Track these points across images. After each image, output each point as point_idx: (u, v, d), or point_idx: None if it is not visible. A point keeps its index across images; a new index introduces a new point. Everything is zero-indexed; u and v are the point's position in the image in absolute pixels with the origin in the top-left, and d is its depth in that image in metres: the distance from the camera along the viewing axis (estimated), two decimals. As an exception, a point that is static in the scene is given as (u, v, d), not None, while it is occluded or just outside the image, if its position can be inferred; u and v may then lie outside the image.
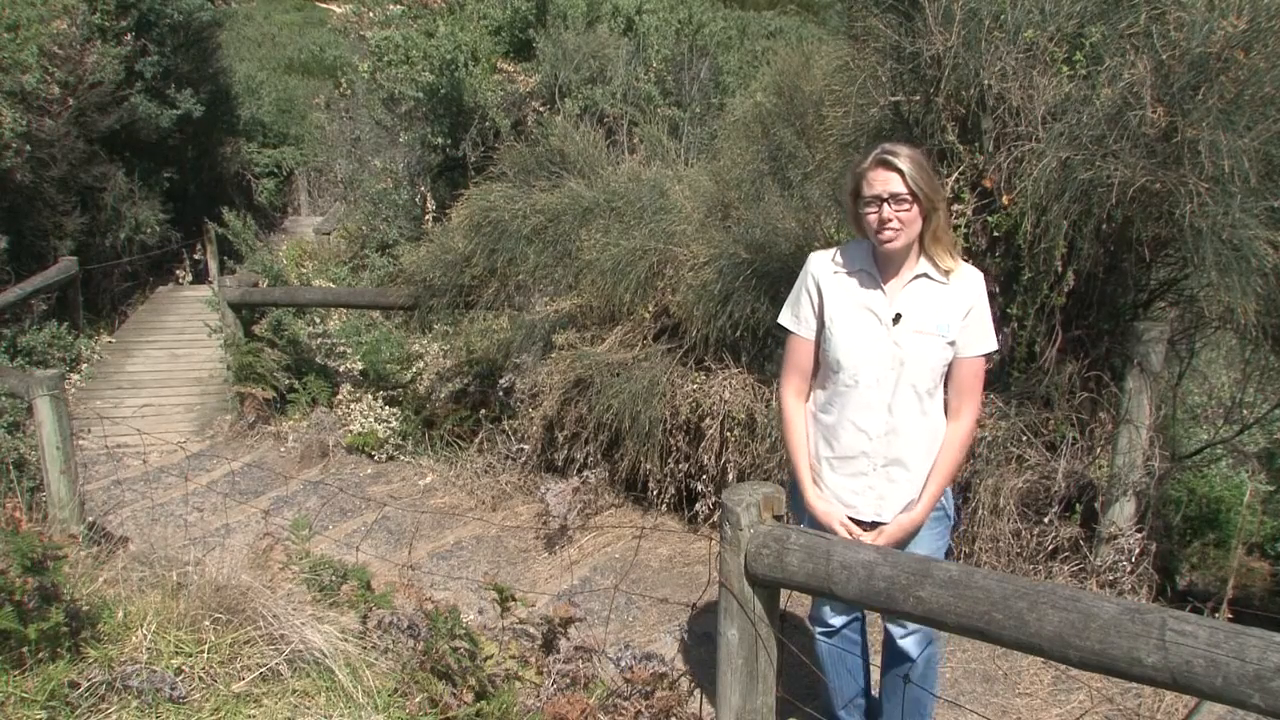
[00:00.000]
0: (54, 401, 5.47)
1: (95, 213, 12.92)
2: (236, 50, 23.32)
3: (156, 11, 14.35)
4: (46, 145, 11.34)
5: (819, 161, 5.78)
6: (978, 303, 3.04)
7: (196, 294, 13.22)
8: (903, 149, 3.04)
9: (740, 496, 2.81)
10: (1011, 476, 4.54)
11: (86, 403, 9.54)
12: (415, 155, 11.32)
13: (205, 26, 15.82)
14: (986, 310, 3.05)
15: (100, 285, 13.16)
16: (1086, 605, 2.12)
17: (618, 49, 10.44)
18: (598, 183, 6.88)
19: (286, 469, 7.74)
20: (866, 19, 4.64)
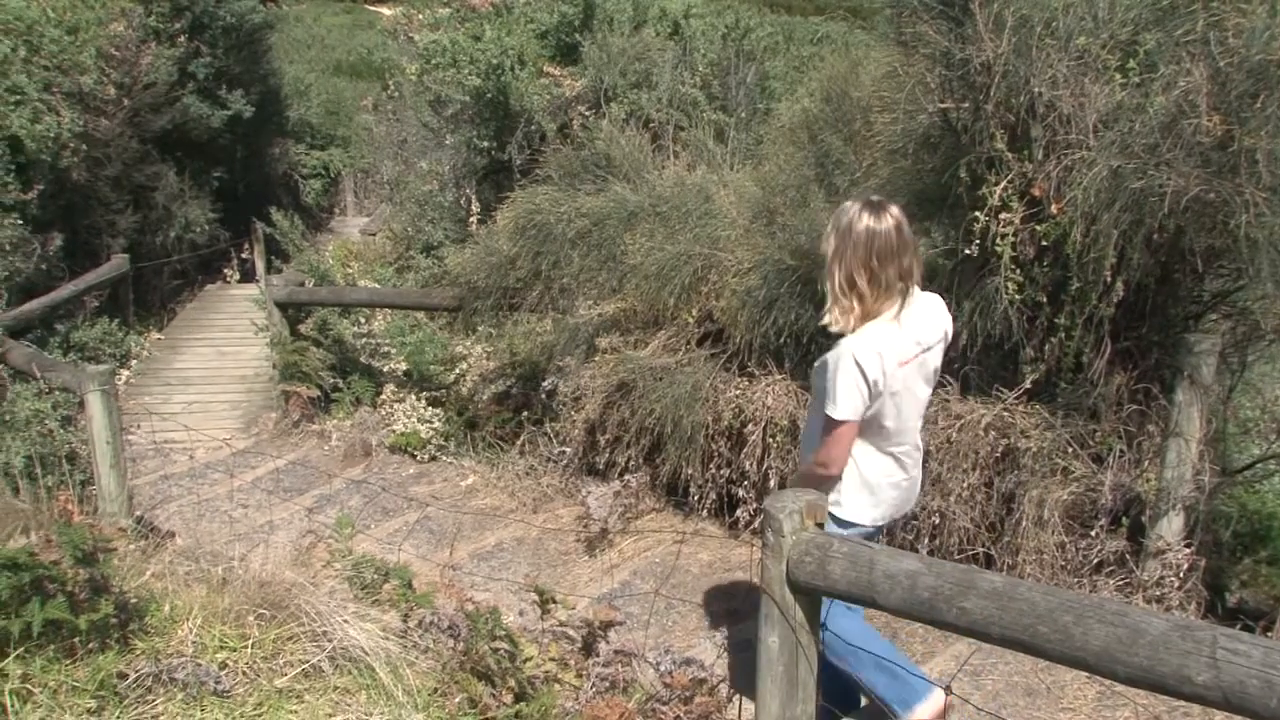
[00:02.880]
0: (105, 396, 5.54)
1: (147, 211, 13.08)
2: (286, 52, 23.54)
3: (210, 14, 14.53)
4: (102, 145, 11.49)
5: (866, 168, 5.74)
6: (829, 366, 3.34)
7: (244, 292, 13.34)
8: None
9: (783, 503, 2.80)
10: (1056, 488, 4.49)
11: (136, 398, 9.65)
12: (461, 158, 11.38)
13: (256, 29, 16.00)
14: (836, 377, 3.27)
15: (150, 283, 13.32)
16: (1134, 620, 2.10)
17: (664, 53, 10.44)
18: (643, 187, 6.87)
19: (330, 467, 7.79)
20: (916, 25, 4.62)
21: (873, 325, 3.30)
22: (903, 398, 3.37)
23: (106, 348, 10.51)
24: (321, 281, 9.79)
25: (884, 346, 3.26)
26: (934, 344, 3.44)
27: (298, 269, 10.22)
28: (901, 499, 3.57)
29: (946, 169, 4.66)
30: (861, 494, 3.46)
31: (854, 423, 3.30)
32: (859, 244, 3.29)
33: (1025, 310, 4.56)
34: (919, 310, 3.41)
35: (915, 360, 3.37)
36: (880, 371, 3.24)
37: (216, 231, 14.90)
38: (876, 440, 3.42)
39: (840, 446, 3.35)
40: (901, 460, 3.49)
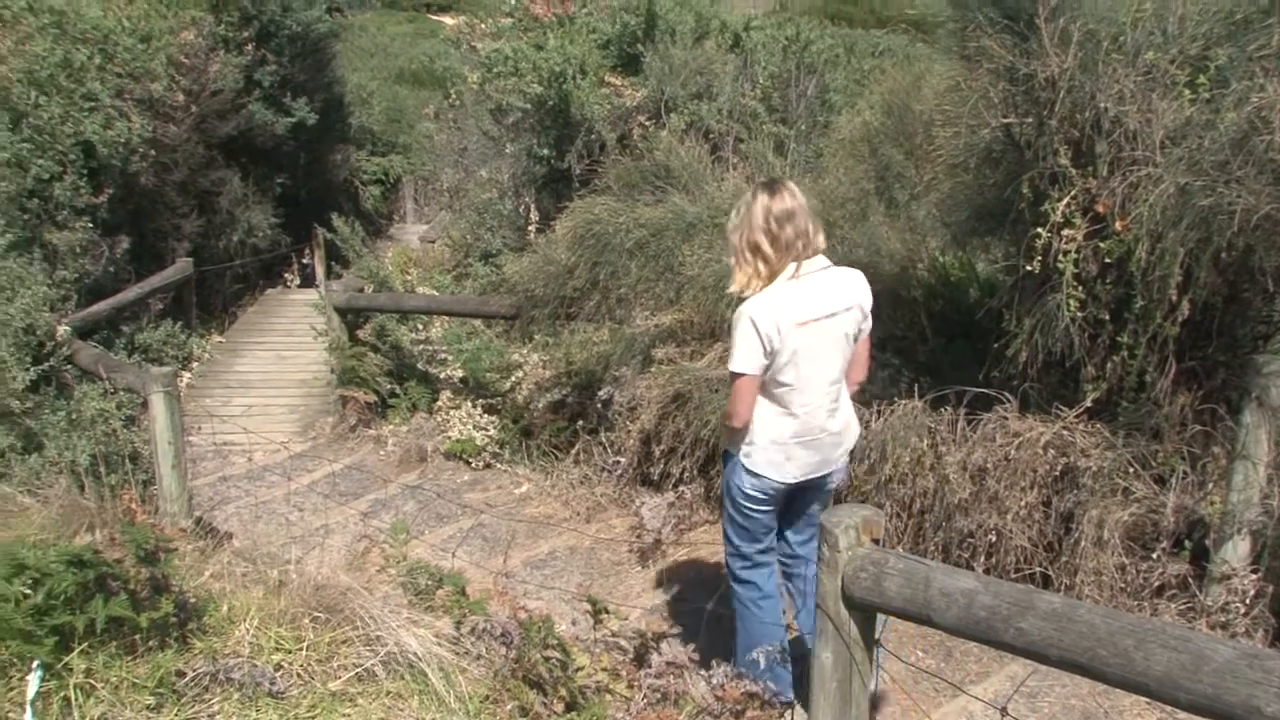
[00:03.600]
0: (167, 398, 5.63)
1: (211, 216, 13.29)
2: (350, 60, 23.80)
3: (277, 23, 14.74)
4: (169, 150, 11.69)
5: (926, 182, 5.72)
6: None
7: (304, 297, 13.51)
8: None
9: (839, 518, 2.79)
10: (1117, 509, 4.42)
11: (197, 400, 9.79)
12: (521, 166, 11.43)
13: (322, 37, 16.21)
14: (735, 335, 3.69)
15: (213, 286, 13.52)
16: (1199, 646, 2.06)
17: (725, 65, 10.44)
18: (701, 198, 6.87)
19: (385, 472, 7.85)
20: (980, 40, 4.58)
21: (771, 288, 3.67)
22: (803, 357, 3.68)
23: (169, 350, 10.68)
24: (380, 287, 9.88)
25: (779, 308, 3.62)
26: (840, 311, 3.72)
27: (357, 275, 10.32)
28: (818, 458, 3.87)
29: (1009, 184, 4.62)
30: (770, 450, 3.80)
31: (752, 376, 3.69)
32: (758, 214, 3.69)
33: (1087, 328, 4.51)
34: (831, 279, 3.74)
35: (816, 323, 3.67)
36: (775, 329, 3.60)
37: (278, 236, 15.10)
38: (782, 398, 3.75)
39: (741, 398, 3.74)
40: (809, 420, 3.78)
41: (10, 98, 9.09)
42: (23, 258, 7.42)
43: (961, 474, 4.82)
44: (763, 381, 3.72)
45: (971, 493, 4.81)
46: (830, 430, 3.86)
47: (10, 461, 5.80)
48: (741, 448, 3.83)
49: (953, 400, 5.03)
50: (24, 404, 6.28)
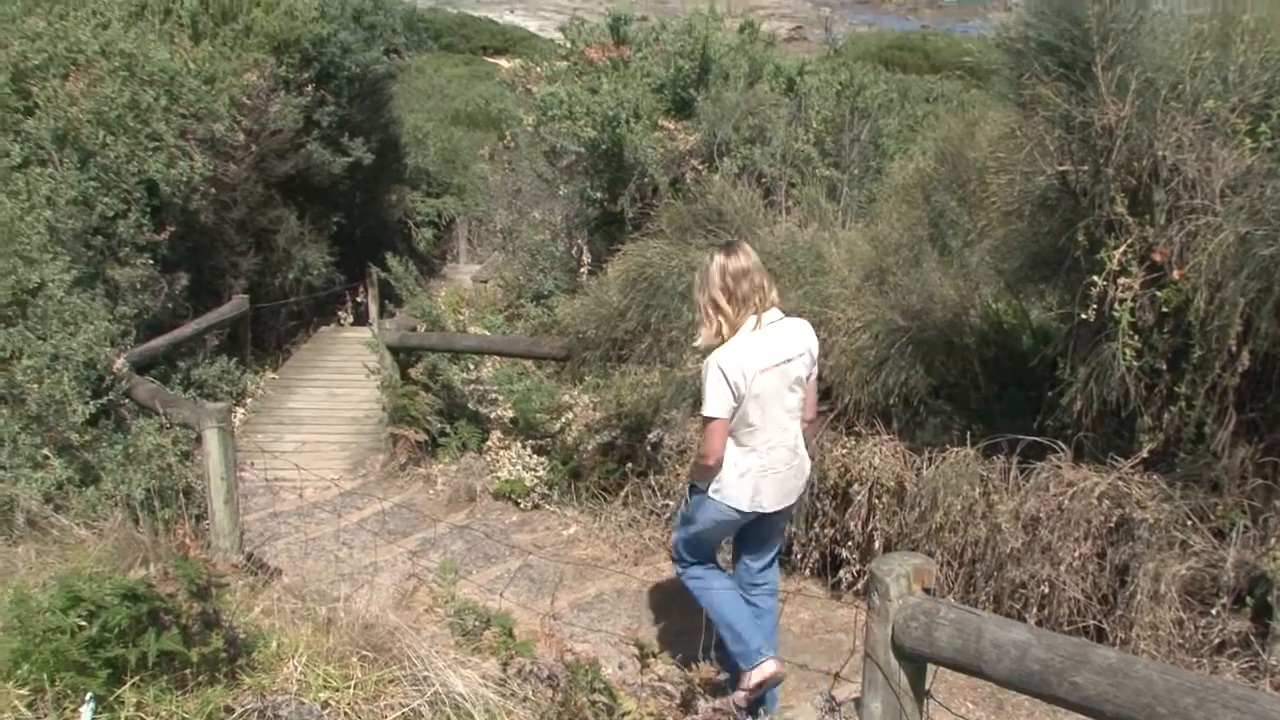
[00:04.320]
0: (221, 433, 5.69)
1: (268, 253, 13.46)
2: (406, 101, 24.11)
3: (336, 64, 14.99)
4: (229, 189, 11.88)
5: (980, 229, 5.69)
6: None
7: (356, 335, 13.61)
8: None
9: (890, 566, 2.76)
10: (1174, 562, 4.35)
11: (249, 436, 9.88)
12: (574, 208, 11.50)
13: (380, 79, 16.46)
14: (706, 383, 4.20)
15: (268, 323, 13.68)
16: (1264, 708, 2.00)
17: (778, 109, 10.46)
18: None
19: (434, 511, 7.87)
20: (1035, 87, 4.57)
21: (734, 340, 4.19)
22: (765, 400, 4.22)
23: (224, 385, 10.79)
24: (433, 327, 9.95)
25: (743, 357, 4.15)
26: (794, 357, 4.27)
27: (410, 314, 10.39)
28: (780, 489, 4.38)
29: (1064, 232, 4.59)
30: (739, 482, 4.30)
31: (723, 419, 4.19)
32: (715, 273, 4.23)
33: (1143, 377, 4.45)
34: (784, 330, 4.30)
35: (776, 369, 4.22)
36: (741, 376, 4.13)
37: (333, 274, 15.28)
38: (748, 438, 4.28)
39: (714, 439, 4.24)
40: (771, 455, 4.32)
41: (80, 137, 9.29)
42: (86, 293, 7.55)
43: (1014, 523, 4.77)
44: (732, 424, 4.24)
45: (1024, 542, 4.75)
46: (790, 464, 4.40)
47: (68, 494, 5.88)
48: (713, 484, 4.33)
49: (1005, 448, 4.99)
50: (83, 437, 6.37)
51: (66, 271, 7.14)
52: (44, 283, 6.79)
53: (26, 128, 9.11)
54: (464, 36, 50.40)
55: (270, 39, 13.58)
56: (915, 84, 22.13)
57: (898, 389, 5.41)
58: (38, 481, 5.74)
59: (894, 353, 5.39)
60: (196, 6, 13.13)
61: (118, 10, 11.69)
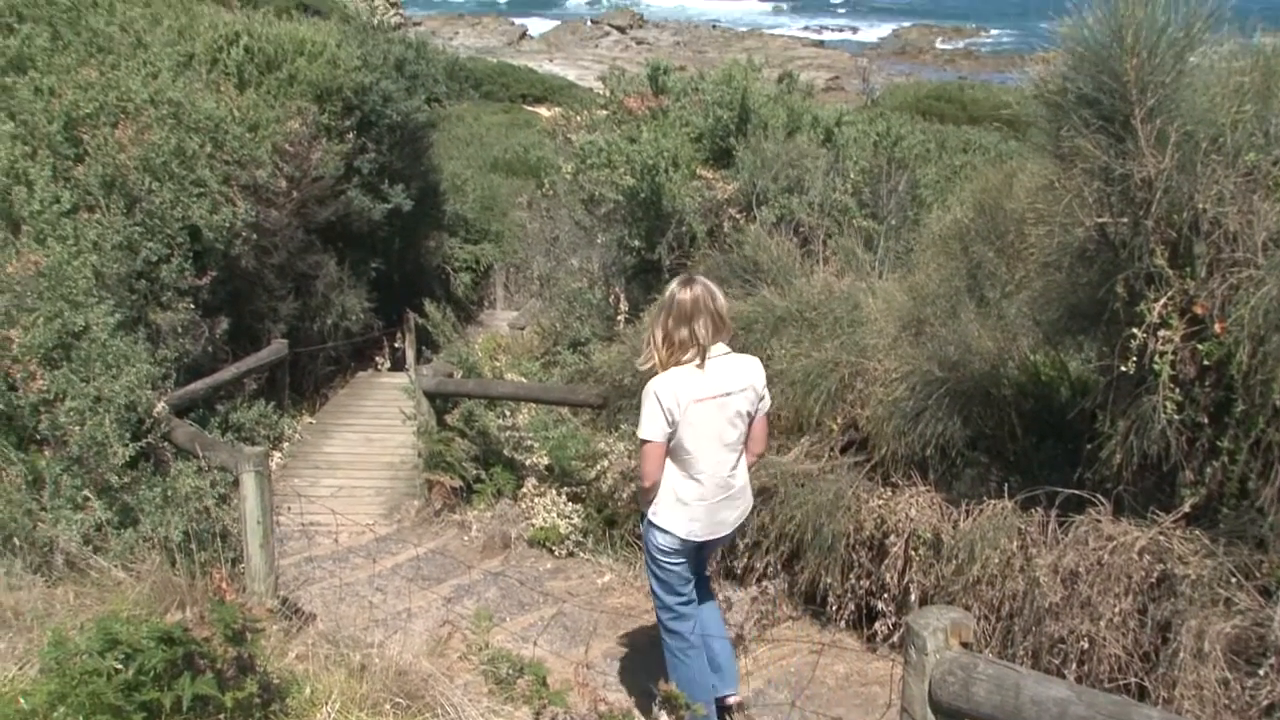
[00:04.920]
0: (258, 478, 5.73)
1: (307, 298, 13.59)
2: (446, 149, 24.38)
3: (378, 112, 15.19)
4: (270, 234, 12.01)
5: (1018, 280, 5.67)
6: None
7: (393, 380, 13.69)
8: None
9: (927, 620, 2.74)
10: (1218, 620, 4.28)
11: (286, 480, 9.93)
12: (611, 256, 11.56)
13: (420, 127, 16.66)
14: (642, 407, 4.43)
15: (306, 368, 13.78)
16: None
17: (816, 159, 10.50)
18: (791, 292, 6.89)
19: (468, 558, 7.87)
20: (1074, 139, 4.57)
21: (676, 369, 4.40)
22: (701, 429, 4.41)
23: (262, 429, 10.86)
24: (469, 373, 10.00)
25: (679, 386, 4.36)
26: (735, 391, 4.46)
27: (447, 360, 10.45)
28: (712, 518, 4.56)
29: (1103, 284, 4.56)
30: (676, 508, 4.49)
31: (657, 443, 4.39)
32: (671, 305, 4.43)
33: (1184, 431, 4.40)
34: (729, 364, 4.49)
35: (714, 400, 4.41)
36: (675, 403, 4.33)
37: (371, 320, 15.39)
38: (684, 465, 4.46)
39: (649, 461, 4.44)
40: (708, 483, 4.49)
41: (128, 184, 9.44)
42: (129, 337, 7.64)
43: (1052, 577, 4.71)
44: (669, 450, 4.44)
45: (1063, 597, 4.70)
46: (727, 494, 4.57)
47: (107, 535, 5.92)
48: (652, 508, 4.54)
49: (1043, 501, 4.94)
50: (122, 479, 6.42)
51: (110, 315, 7.23)
52: (88, 326, 6.88)
53: (76, 174, 9.27)
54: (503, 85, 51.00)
55: (313, 87, 13.80)
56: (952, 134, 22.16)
57: (934, 440, 5.38)
58: (78, 523, 5.79)
59: (931, 404, 5.37)
60: (242, 56, 13.37)
61: (167, 61, 11.90)
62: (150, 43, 12.45)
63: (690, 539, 4.54)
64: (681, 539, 4.52)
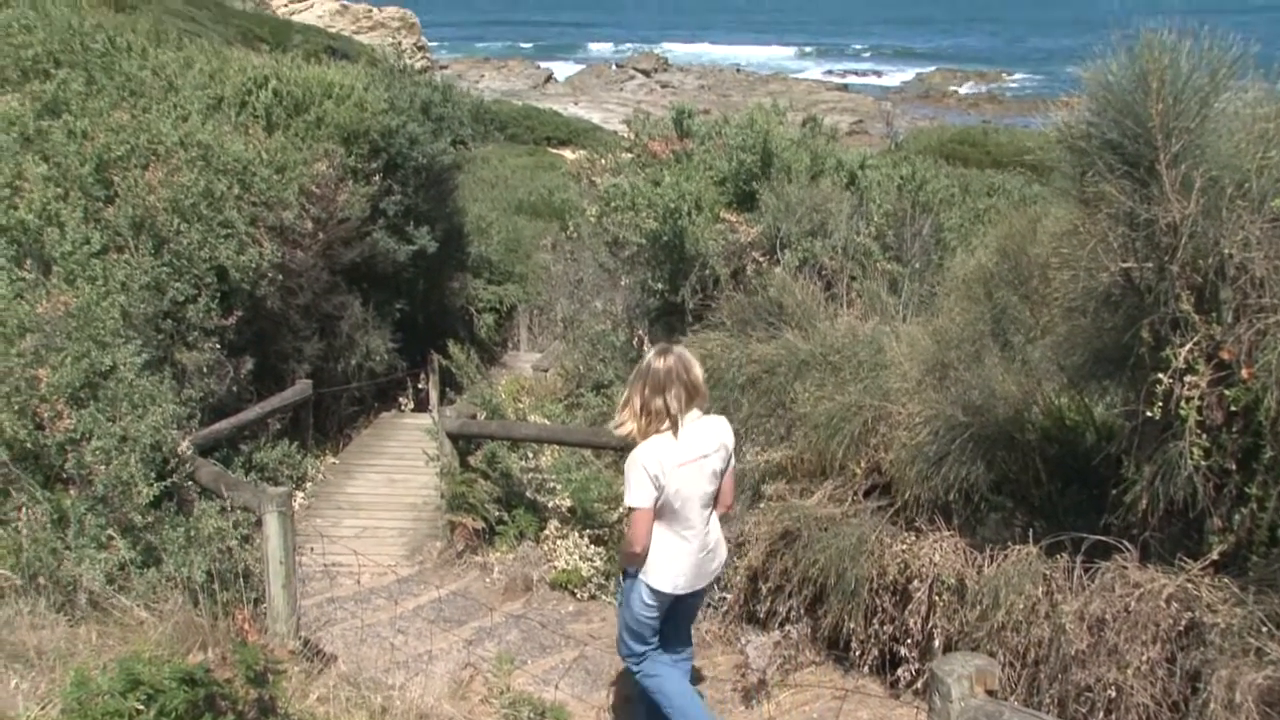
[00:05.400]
0: (282, 518, 5.75)
1: (332, 339, 13.65)
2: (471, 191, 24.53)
3: (404, 155, 15.33)
4: (296, 275, 12.09)
5: (1043, 325, 5.66)
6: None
7: (417, 421, 13.71)
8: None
9: (951, 667, 2.72)
10: (1250, 670, 4.22)
11: (309, 520, 9.94)
12: (635, 299, 11.59)
13: (446, 169, 16.78)
14: (629, 476, 4.66)
15: (329, 408, 13.81)
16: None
17: (839, 203, 10.52)
18: (814, 336, 6.89)
19: (490, 600, 7.86)
20: (1098, 184, 4.57)
21: (656, 437, 4.66)
22: (684, 491, 4.68)
23: (285, 469, 10.88)
24: (493, 415, 10.01)
25: (663, 453, 4.62)
26: (711, 452, 4.76)
27: (470, 401, 10.47)
28: (698, 569, 4.87)
29: (1128, 329, 4.54)
30: (666, 567, 4.76)
31: (646, 509, 4.62)
32: (648, 374, 4.73)
33: (1212, 477, 4.36)
34: (702, 427, 4.78)
35: (694, 463, 4.70)
36: (660, 470, 4.58)
37: (395, 361, 15.44)
38: (671, 524, 4.74)
39: (639, 528, 4.68)
40: (694, 540, 4.80)
41: (156, 225, 9.54)
42: (154, 376, 7.68)
43: (1079, 624, 4.67)
44: (656, 513, 4.68)
45: (1089, 644, 4.65)
46: (708, 548, 4.88)
47: (130, 574, 5.94)
48: (643, 569, 4.77)
49: (1069, 547, 4.90)
50: (146, 519, 6.44)
51: (137, 355, 7.28)
52: (115, 366, 6.93)
53: (107, 216, 9.37)
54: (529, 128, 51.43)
55: (340, 130, 13.93)
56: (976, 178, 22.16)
57: (958, 484, 5.35)
58: (101, 562, 5.81)
59: (955, 448, 5.34)
60: (271, 99, 13.52)
61: (197, 104, 12.05)
62: (181, 86, 12.61)
63: (676, 592, 4.82)
64: (668, 593, 4.81)
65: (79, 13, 13.76)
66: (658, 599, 4.82)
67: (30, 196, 8.50)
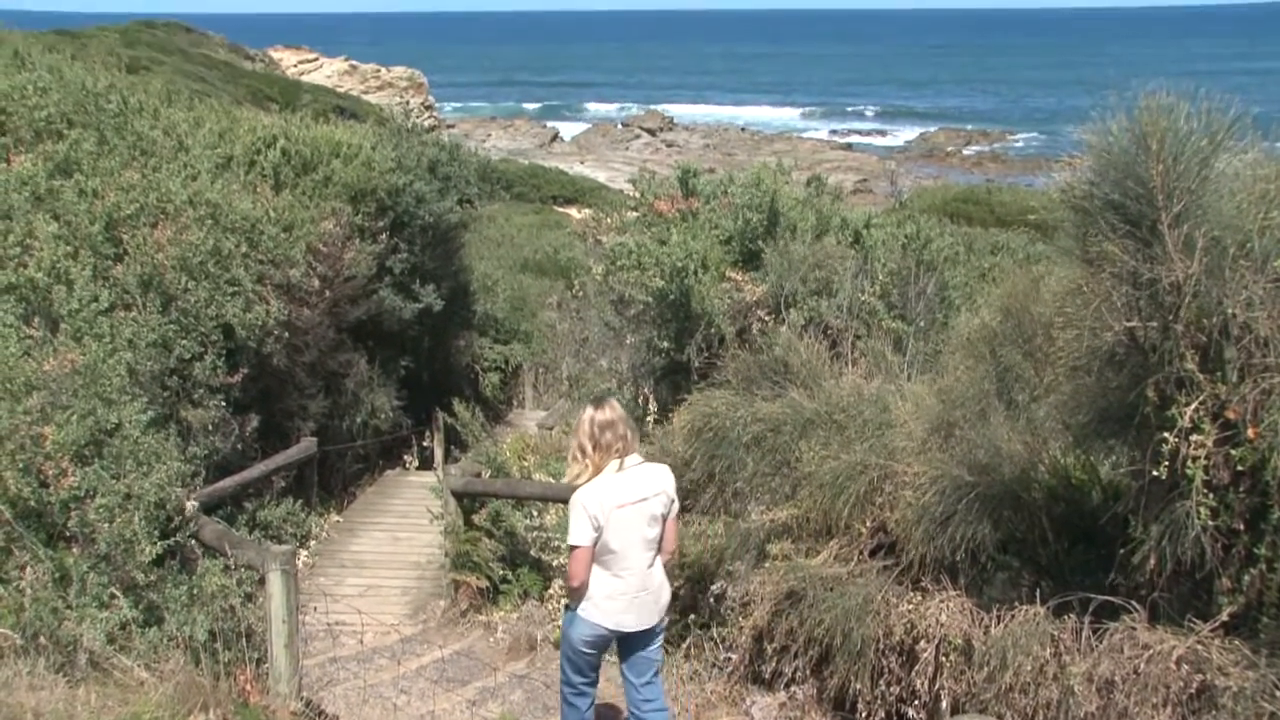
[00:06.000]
0: (285, 576, 5.73)
1: (337, 396, 13.64)
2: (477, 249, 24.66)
3: (411, 213, 15.43)
4: (302, 333, 12.12)
5: (1047, 384, 5.65)
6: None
7: (421, 479, 13.67)
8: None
9: (958, 731, 2.69)
10: (1260, 734, 4.18)
11: (312, 579, 9.89)
12: (640, 357, 11.62)
13: (452, 227, 16.88)
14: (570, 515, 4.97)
15: (334, 465, 13.77)
16: None
17: (844, 262, 10.58)
18: (819, 394, 6.89)
19: (494, 659, 7.80)
20: (1101, 244, 4.58)
21: (597, 479, 4.95)
22: (623, 532, 4.95)
23: (289, 527, 10.83)
24: (497, 473, 9.99)
25: (603, 494, 4.91)
26: (650, 496, 5.03)
27: (475, 459, 10.45)
28: (640, 611, 5.12)
29: (1133, 387, 4.54)
30: (604, 603, 5.04)
31: (586, 547, 4.92)
32: (586, 423, 5.03)
33: (1220, 537, 4.34)
34: (643, 473, 5.07)
35: (633, 506, 4.97)
36: (600, 510, 4.88)
37: (400, 418, 15.43)
38: (609, 564, 5.01)
39: (578, 565, 4.96)
40: (631, 580, 5.05)
41: (164, 283, 9.58)
42: (160, 434, 7.68)
43: (1087, 686, 4.62)
44: (595, 552, 4.95)
45: (1099, 706, 4.60)
46: (648, 589, 5.12)
47: (131, 634, 5.90)
48: (581, 604, 5.07)
49: (1076, 607, 4.87)
50: (148, 577, 6.41)
51: (143, 413, 7.28)
52: (121, 423, 6.93)
53: (115, 274, 9.41)
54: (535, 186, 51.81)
55: (348, 189, 14.02)
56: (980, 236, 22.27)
57: (965, 544, 5.32)
58: (103, 621, 5.78)
59: (961, 507, 5.32)
60: (279, 158, 13.63)
61: (206, 163, 12.15)
62: (191, 145, 12.72)
63: (620, 629, 5.10)
64: (609, 629, 5.09)
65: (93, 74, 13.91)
66: (594, 634, 5.10)
67: (40, 255, 8.55)
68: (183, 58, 47.27)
